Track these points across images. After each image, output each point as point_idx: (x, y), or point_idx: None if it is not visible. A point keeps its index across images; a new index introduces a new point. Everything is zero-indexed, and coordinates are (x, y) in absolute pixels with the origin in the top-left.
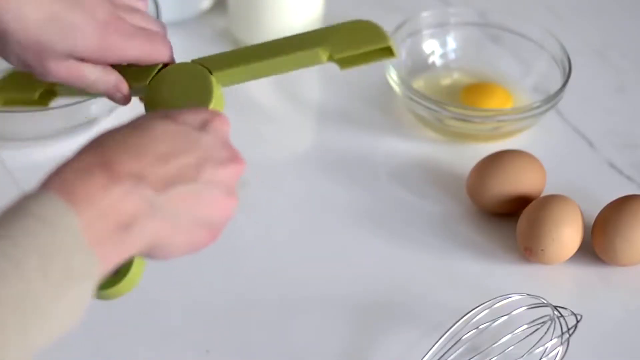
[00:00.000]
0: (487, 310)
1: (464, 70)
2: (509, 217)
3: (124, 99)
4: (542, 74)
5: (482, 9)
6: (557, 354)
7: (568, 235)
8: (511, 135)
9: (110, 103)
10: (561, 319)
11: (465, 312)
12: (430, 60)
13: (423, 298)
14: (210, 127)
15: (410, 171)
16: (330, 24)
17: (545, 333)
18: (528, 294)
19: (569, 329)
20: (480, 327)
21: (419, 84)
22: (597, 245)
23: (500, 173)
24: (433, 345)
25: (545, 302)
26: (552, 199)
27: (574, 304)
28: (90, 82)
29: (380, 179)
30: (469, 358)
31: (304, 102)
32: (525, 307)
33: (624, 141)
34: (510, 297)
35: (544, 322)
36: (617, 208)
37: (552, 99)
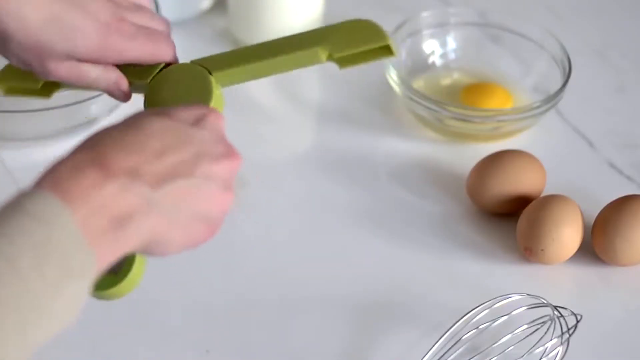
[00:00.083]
0: (487, 310)
1: (464, 70)
2: (509, 217)
3: (124, 96)
4: (542, 74)
5: (482, 9)
6: (557, 354)
7: (568, 235)
8: (511, 135)
9: (111, 103)
10: (561, 319)
11: (465, 312)
12: (430, 60)
13: (423, 298)
14: (205, 122)
15: (410, 171)
16: (330, 23)
17: (545, 333)
18: (528, 294)
19: (569, 329)
20: (480, 327)
21: (419, 84)
22: (597, 245)
23: (500, 173)
24: (433, 345)
25: (545, 302)
26: (552, 199)
27: (574, 304)
28: (90, 80)
29: (380, 179)
30: (469, 358)
31: (304, 102)
32: (525, 307)
33: (624, 141)
34: (510, 297)
35: (544, 322)
36: (617, 208)
37: (552, 99)
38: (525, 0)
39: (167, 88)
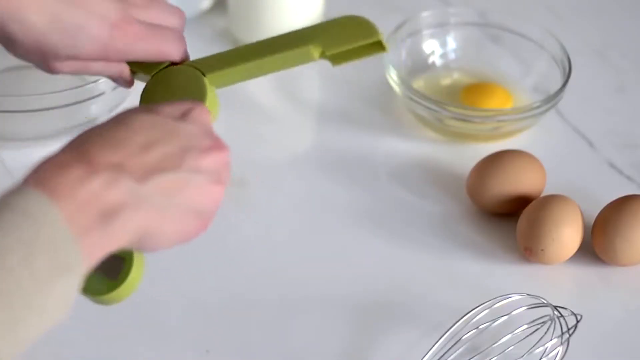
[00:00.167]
0: (487, 310)
1: (464, 70)
2: (509, 217)
3: (127, 84)
4: (542, 74)
5: (482, 9)
6: (557, 354)
7: (568, 235)
8: (511, 135)
9: (111, 103)
10: (561, 319)
11: (465, 312)
12: (430, 60)
13: (423, 298)
14: (190, 116)
15: (410, 171)
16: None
17: (545, 333)
18: (528, 294)
19: (569, 329)
20: (480, 327)
21: (419, 84)
22: (597, 245)
23: (500, 173)
24: (433, 345)
25: (545, 302)
26: (552, 199)
27: (574, 304)
28: (93, 72)
29: (380, 179)
30: (469, 358)
31: (304, 102)
32: (525, 307)
33: (624, 141)
34: (510, 297)
35: (544, 322)
36: (617, 208)
37: (552, 99)
38: (525, 0)
39: (161, 89)
